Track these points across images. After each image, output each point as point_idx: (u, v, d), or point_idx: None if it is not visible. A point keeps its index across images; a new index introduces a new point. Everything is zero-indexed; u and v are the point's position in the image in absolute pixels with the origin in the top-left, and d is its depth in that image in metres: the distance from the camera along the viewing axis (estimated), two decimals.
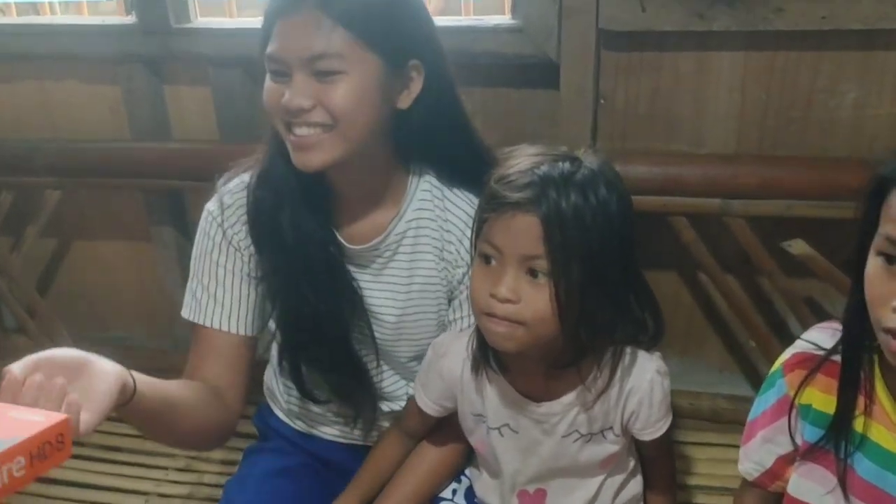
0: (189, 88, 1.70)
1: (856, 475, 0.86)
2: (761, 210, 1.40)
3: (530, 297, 0.92)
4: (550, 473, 1.08)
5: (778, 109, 1.45)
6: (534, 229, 0.90)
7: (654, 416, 1.05)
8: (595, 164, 0.95)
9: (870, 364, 0.84)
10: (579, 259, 0.90)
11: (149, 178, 1.66)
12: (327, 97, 0.97)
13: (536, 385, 1.03)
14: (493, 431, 1.06)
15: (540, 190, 0.90)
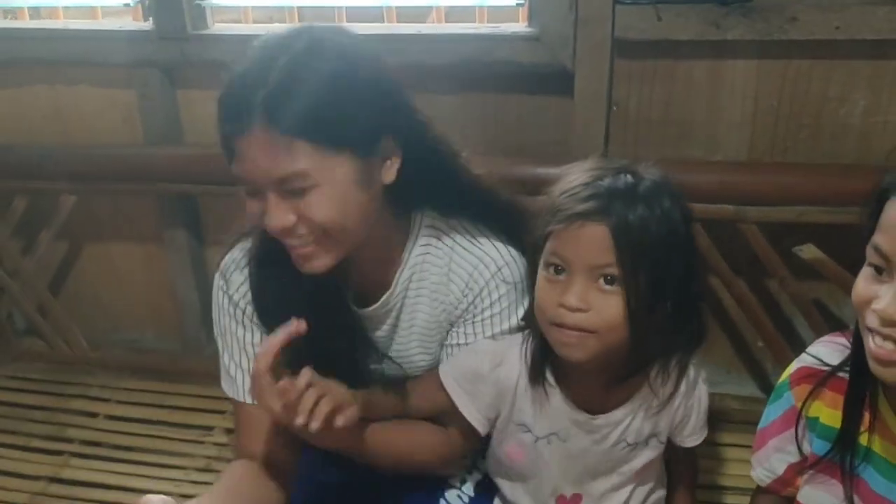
0: (202, 93, 1.71)
1: (868, 487, 0.89)
2: (775, 216, 1.43)
3: (600, 306, 0.94)
4: (591, 479, 1.10)
5: (790, 117, 1.47)
6: (603, 238, 0.92)
7: (699, 424, 1.10)
8: (656, 176, 0.98)
9: (873, 381, 0.86)
10: (646, 268, 0.93)
11: (162, 182, 1.68)
12: (308, 212, 0.93)
13: (593, 396, 1.05)
14: (540, 441, 1.08)
15: (607, 200, 0.93)
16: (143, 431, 1.67)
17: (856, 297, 0.81)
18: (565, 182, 0.97)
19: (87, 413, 1.73)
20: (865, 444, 0.88)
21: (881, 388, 0.87)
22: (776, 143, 1.50)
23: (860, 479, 0.89)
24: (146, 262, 1.90)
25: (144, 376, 1.82)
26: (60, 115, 1.77)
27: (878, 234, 0.78)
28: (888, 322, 0.76)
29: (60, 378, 1.84)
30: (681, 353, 1.04)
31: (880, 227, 0.78)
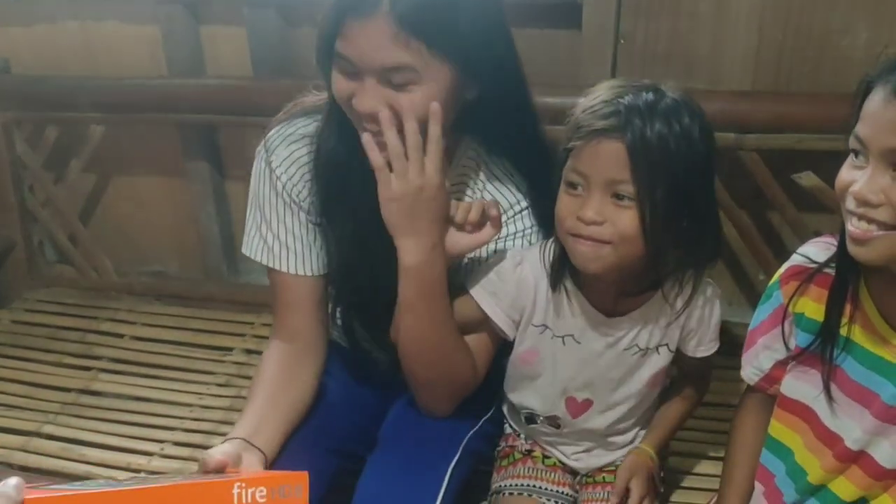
0: (224, 28, 1.77)
1: (846, 376, 0.93)
2: (773, 143, 1.47)
3: (615, 218, 0.97)
4: (602, 384, 1.15)
5: (793, 48, 1.50)
6: (620, 154, 0.95)
7: (709, 336, 1.13)
8: (678, 95, 1.01)
9: (857, 275, 0.91)
10: (663, 183, 0.96)
11: (185, 113, 1.75)
12: (399, 104, 0.98)
13: (609, 302, 1.10)
14: (557, 339, 1.13)
15: (625, 117, 0.95)
16: (166, 351, 1.76)
17: (838, 183, 0.85)
18: (587, 99, 1.00)
19: (114, 334, 1.82)
20: (845, 334, 0.93)
21: (863, 280, 0.91)
22: (780, 76, 1.53)
23: (839, 369, 0.94)
24: (170, 194, 1.98)
25: (168, 301, 1.91)
26: (89, 49, 1.85)
27: (858, 123, 0.82)
28: (861, 202, 0.80)
29: (90, 303, 1.93)
30: (696, 267, 1.07)
31: (861, 117, 0.82)
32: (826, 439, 0.95)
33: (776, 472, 1.01)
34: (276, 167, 1.15)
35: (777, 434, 1.01)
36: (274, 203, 1.17)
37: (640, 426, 1.21)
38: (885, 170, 0.79)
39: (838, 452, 0.93)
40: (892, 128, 0.77)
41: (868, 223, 0.81)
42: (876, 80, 0.80)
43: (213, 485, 0.80)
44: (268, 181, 1.16)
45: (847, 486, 0.94)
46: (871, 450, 0.91)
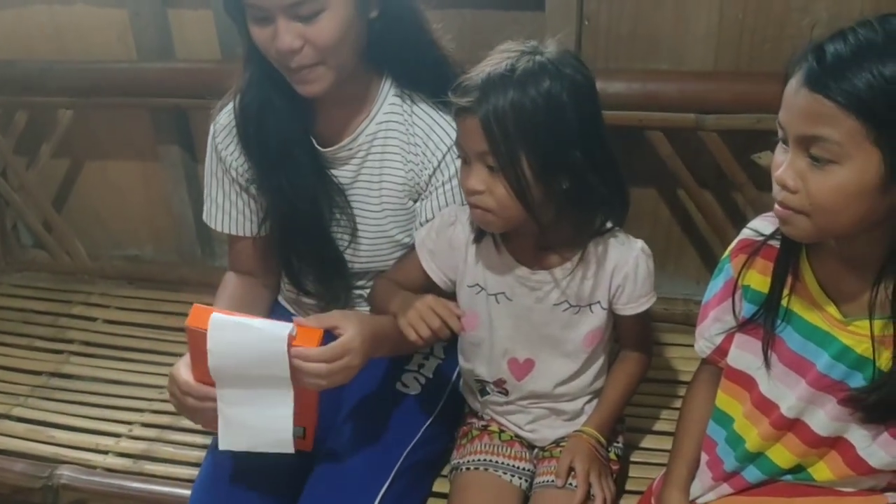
0: (192, 12, 1.77)
1: (784, 345, 0.95)
2: (733, 123, 1.48)
3: (492, 188, 1.04)
4: (540, 342, 1.18)
5: (754, 29, 1.51)
6: (476, 129, 1.01)
7: (637, 292, 1.15)
8: (548, 56, 1.03)
9: (798, 246, 0.93)
10: (526, 150, 1.00)
11: (155, 96, 1.75)
12: (314, 36, 1.07)
13: (532, 256, 1.14)
14: (490, 298, 1.16)
15: (480, 93, 1.00)
16: (138, 334, 1.77)
17: (772, 167, 0.87)
18: (465, 74, 1.04)
19: (87, 318, 1.83)
20: (786, 305, 0.95)
21: (805, 252, 0.93)
22: (741, 55, 1.54)
23: (779, 339, 0.96)
24: (143, 178, 1.99)
25: (141, 285, 1.92)
26: (58, 33, 1.85)
27: (780, 109, 0.84)
28: (781, 186, 0.83)
29: (63, 286, 1.94)
30: (605, 221, 1.11)
31: (782, 103, 0.83)
32: (763, 407, 0.97)
33: (718, 440, 1.03)
34: (216, 135, 1.26)
35: (721, 404, 1.04)
36: (215, 169, 1.29)
37: (589, 395, 1.23)
38: (802, 155, 0.80)
39: (774, 420, 0.95)
40: (803, 114, 0.78)
41: (785, 208, 0.83)
42: (791, 66, 0.81)
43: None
44: (213, 150, 1.28)
45: (784, 454, 0.96)
46: (806, 418, 0.93)
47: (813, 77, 0.77)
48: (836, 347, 0.90)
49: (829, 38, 0.79)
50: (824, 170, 0.79)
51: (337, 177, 1.24)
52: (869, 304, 0.86)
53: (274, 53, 1.10)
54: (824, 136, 0.77)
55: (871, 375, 0.88)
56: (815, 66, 0.77)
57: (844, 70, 0.75)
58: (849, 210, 0.79)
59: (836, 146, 0.77)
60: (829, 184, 0.78)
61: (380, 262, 1.28)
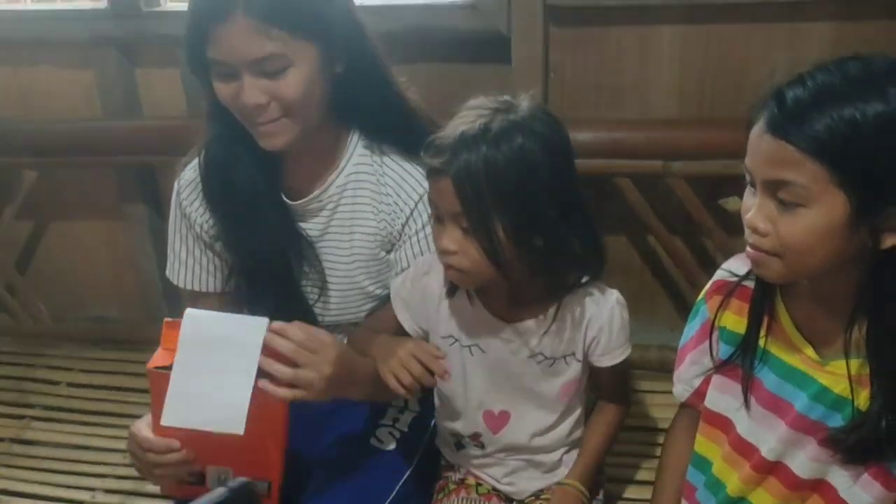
0: (160, 71, 1.78)
1: (762, 386, 0.95)
2: (700, 169, 1.50)
3: (465, 248, 1.01)
4: (515, 394, 1.15)
5: (715, 78, 1.55)
6: (448, 189, 0.98)
7: (613, 344, 1.13)
8: (521, 114, 1.01)
9: (773, 287, 0.93)
10: (501, 210, 0.98)
11: (122, 154, 1.74)
12: (280, 92, 1.07)
13: (506, 309, 1.12)
14: (464, 350, 1.14)
15: (452, 152, 0.98)
16: (103, 397, 1.73)
17: (741, 211, 0.87)
18: (438, 132, 1.02)
19: (49, 381, 1.79)
20: (763, 346, 0.94)
21: (779, 293, 0.93)
22: (703, 104, 1.57)
23: (756, 380, 0.95)
24: (108, 238, 1.96)
25: (106, 346, 1.88)
26: (24, 95, 1.84)
27: (747, 154, 0.85)
28: (752, 230, 0.83)
29: (25, 350, 1.89)
30: (580, 277, 1.09)
31: (748, 148, 0.84)
32: (743, 450, 0.95)
33: (697, 485, 1.01)
34: (181, 191, 1.25)
35: (699, 448, 1.02)
36: (178, 226, 1.28)
37: (567, 446, 1.21)
38: (770, 199, 0.81)
39: (755, 463, 0.94)
40: (768, 160, 0.79)
41: (757, 251, 0.83)
42: (755, 112, 0.82)
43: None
44: (177, 206, 1.27)
45: (765, 498, 0.94)
46: (787, 460, 0.92)
47: (775, 123, 0.78)
48: (814, 388, 0.89)
49: (789, 83, 0.81)
50: (793, 212, 0.79)
51: (306, 229, 1.22)
52: (844, 345, 0.86)
53: (239, 109, 1.09)
54: (790, 181, 0.78)
55: (850, 415, 0.87)
56: (776, 112, 0.78)
57: (804, 115, 0.76)
58: (819, 251, 0.79)
59: (803, 189, 0.77)
60: (799, 226, 0.79)
61: (350, 315, 1.26)
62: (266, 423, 1.03)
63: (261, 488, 1.06)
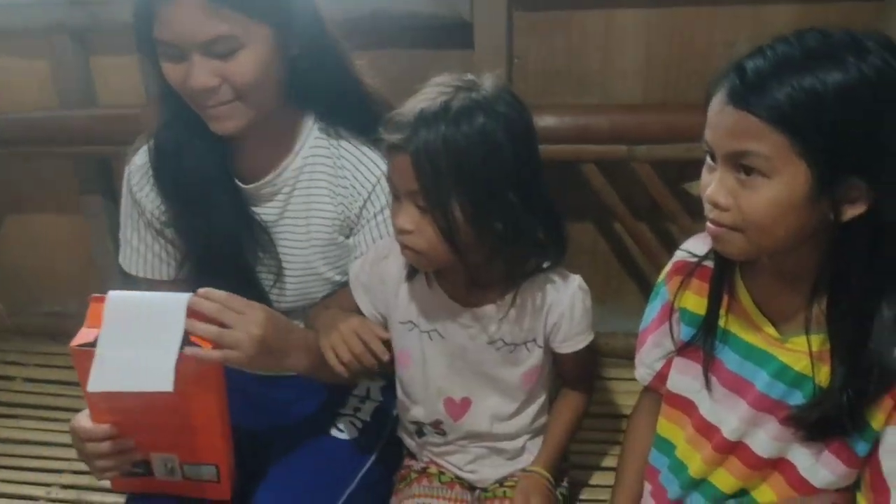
0: (116, 59, 1.73)
1: (723, 366, 0.93)
2: (664, 154, 1.49)
3: (422, 228, 0.99)
4: (476, 380, 1.13)
5: (680, 62, 1.54)
6: (407, 167, 0.96)
7: (574, 329, 1.11)
8: (484, 93, 0.98)
9: (732, 265, 0.92)
10: (459, 190, 0.96)
11: (78, 145, 1.70)
12: (231, 74, 1.03)
13: (465, 293, 1.09)
14: (423, 335, 1.12)
15: (412, 130, 0.95)
16: (60, 392, 1.68)
17: (700, 188, 0.86)
18: (398, 108, 1.00)
19: (4, 377, 1.74)
20: (723, 325, 0.93)
21: (739, 271, 0.92)
22: (668, 88, 1.56)
23: (717, 360, 0.94)
24: (66, 231, 1.91)
25: (62, 341, 1.76)
26: None
27: (706, 128, 0.83)
28: (713, 205, 0.82)
29: None
30: (541, 262, 1.07)
31: (707, 122, 0.83)
32: (705, 431, 0.94)
33: (660, 468, 1.00)
34: (131, 176, 1.22)
35: (662, 431, 1.01)
36: (130, 212, 1.25)
37: (530, 433, 1.19)
38: (731, 172, 0.80)
39: (717, 443, 0.93)
40: (729, 132, 0.78)
41: (718, 226, 0.82)
42: (714, 86, 0.81)
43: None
44: (128, 192, 1.23)
45: (727, 478, 0.93)
46: (747, 440, 0.91)
47: (736, 94, 0.77)
48: (775, 366, 0.88)
49: (749, 55, 0.80)
50: (754, 185, 0.78)
51: (260, 214, 1.19)
52: (805, 321, 0.85)
53: (188, 92, 1.06)
54: (752, 151, 0.77)
55: (811, 392, 0.86)
56: (737, 83, 0.77)
57: (765, 85, 0.75)
58: (781, 224, 0.78)
59: (765, 160, 0.76)
60: (761, 198, 0.78)
61: (307, 301, 1.23)
62: (202, 400, 1.01)
63: (208, 473, 1.03)
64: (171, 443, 1.05)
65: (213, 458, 1.05)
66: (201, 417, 1.02)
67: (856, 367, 0.81)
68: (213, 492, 1.08)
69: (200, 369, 0.98)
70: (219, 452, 1.06)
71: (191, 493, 1.10)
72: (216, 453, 1.06)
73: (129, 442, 1.04)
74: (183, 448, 1.05)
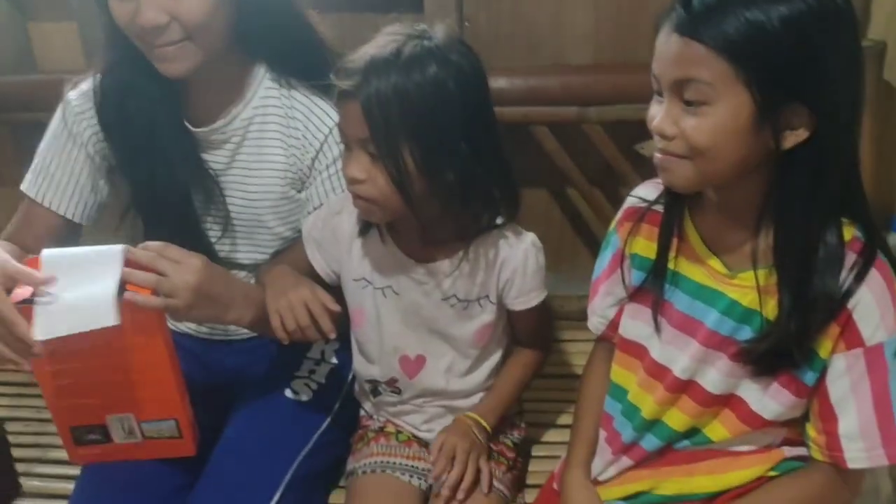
0: (54, 24, 1.69)
1: (673, 308, 0.94)
2: (615, 114, 1.50)
3: (373, 177, 0.97)
4: (430, 337, 1.12)
5: (629, 24, 1.55)
6: (357, 114, 0.94)
7: (527, 286, 1.10)
8: (436, 42, 0.97)
9: (681, 206, 0.93)
10: (410, 138, 0.95)
11: (16, 111, 1.64)
12: (181, 11, 1.01)
13: (418, 248, 1.08)
14: (377, 292, 1.11)
15: (363, 76, 0.94)
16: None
17: (647, 120, 0.86)
18: (348, 55, 0.98)
19: None
20: (673, 267, 0.94)
21: (688, 212, 0.93)
22: (618, 50, 1.57)
23: (668, 303, 0.94)
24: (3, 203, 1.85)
25: None
26: None
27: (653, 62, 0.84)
28: (660, 135, 0.82)
29: None
30: (493, 218, 1.06)
31: (654, 56, 0.83)
32: (656, 373, 0.95)
33: (614, 414, 1.01)
34: (71, 99, 1.17)
35: (615, 377, 1.01)
36: (58, 134, 1.19)
37: (485, 391, 1.18)
38: (677, 102, 0.80)
39: (668, 384, 0.93)
40: (674, 60, 0.79)
41: (665, 154, 0.83)
42: (661, 19, 0.81)
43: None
44: (62, 115, 1.18)
45: (680, 417, 0.94)
46: (698, 378, 0.92)
47: (682, 22, 0.78)
48: (724, 303, 0.89)
49: None
50: (698, 112, 0.79)
51: (209, 161, 1.17)
52: (752, 255, 0.86)
53: (136, 30, 1.03)
54: (696, 78, 0.77)
55: (759, 326, 0.87)
56: (682, 12, 0.78)
57: (712, 14, 0.76)
58: (725, 151, 0.79)
59: (708, 87, 0.77)
60: (704, 125, 0.78)
61: (257, 254, 1.21)
62: (150, 350, 0.99)
63: (168, 428, 1.02)
64: (125, 400, 1.03)
65: (170, 412, 1.04)
66: (152, 370, 1.00)
67: (802, 297, 0.83)
68: (176, 449, 1.06)
69: (142, 318, 0.97)
70: (175, 405, 1.04)
71: (155, 455, 1.08)
72: (173, 407, 1.04)
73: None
74: (138, 405, 1.04)
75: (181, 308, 0.99)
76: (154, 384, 1.01)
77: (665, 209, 0.94)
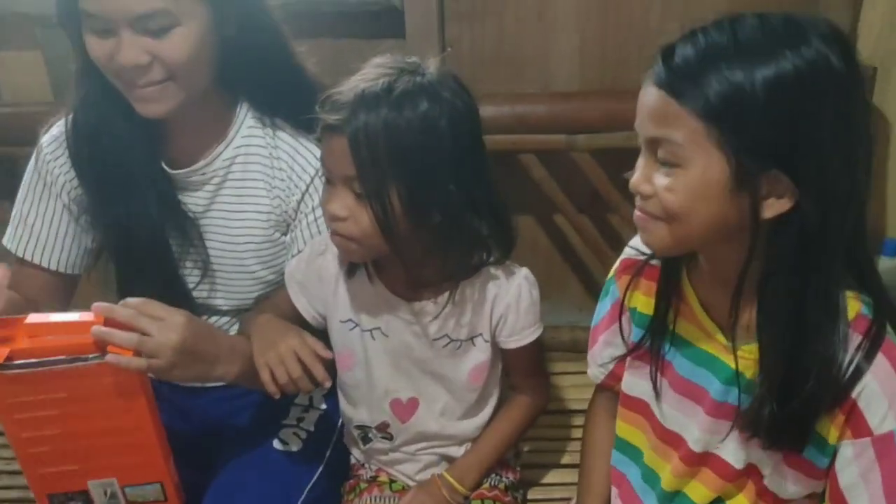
0: (18, 53, 1.62)
1: (674, 371, 0.90)
2: (603, 142, 1.46)
3: (357, 215, 0.93)
4: (423, 379, 1.08)
5: (615, 48, 1.52)
6: (344, 150, 0.90)
7: (520, 323, 1.06)
8: (429, 78, 0.93)
9: (678, 267, 0.88)
10: (398, 177, 0.90)
11: None
12: (163, 52, 0.97)
13: (407, 287, 1.04)
14: (365, 334, 1.06)
15: (351, 111, 0.89)
16: None
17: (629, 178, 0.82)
18: (335, 87, 0.94)
19: None
20: (672, 328, 0.89)
21: (685, 271, 0.89)
22: (605, 75, 1.54)
23: (668, 363, 0.90)
24: None
25: None
26: None
27: None
28: (634, 191, 0.79)
29: None
30: (485, 256, 1.02)
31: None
32: (668, 440, 0.91)
33: (628, 474, 0.96)
34: (43, 145, 1.13)
35: (623, 433, 0.97)
36: (34, 185, 1.15)
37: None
38: (652, 159, 0.76)
39: (683, 455, 0.89)
40: (649, 115, 0.75)
41: (643, 213, 0.79)
42: (647, 73, 0.77)
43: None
44: (36, 165, 1.14)
45: (701, 491, 0.89)
46: (718, 451, 0.87)
47: (660, 76, 0.73)
48: (727, 373, 0.84)
49: (680, 39, 0.76)
50: (671, 174, 0.74)
51: (187, 203, 1.11)
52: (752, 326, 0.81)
53: (116, 69, 0.98)
54: (668, 139, 0.73)
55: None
56: (662, 66, 0.74)
57: (691, 71, 0.71)
58: (699, 215, 0.74)
59: (679, 148, 0.72)
60: (676, 187, 0.74)
61: (238, 301, 1.16)
62: (132, 413, 0.94)
63: (154, 492, 0.97)
64: (107, 465, 0.98)
65: (155, 475, 0.98)
66: (135, 433, 0.95)
67: (788, 380, 0.77)
68: None
69: (124, 380, 0.92)
70: (160, 469, 0.98)
71: None
72: (158, 470, 0.98)
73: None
74: (121, 469, 0.98)
75: (165, 368, 0.93)
76: (137, 448, 0.96)
77: (662, 268, 0.89)
